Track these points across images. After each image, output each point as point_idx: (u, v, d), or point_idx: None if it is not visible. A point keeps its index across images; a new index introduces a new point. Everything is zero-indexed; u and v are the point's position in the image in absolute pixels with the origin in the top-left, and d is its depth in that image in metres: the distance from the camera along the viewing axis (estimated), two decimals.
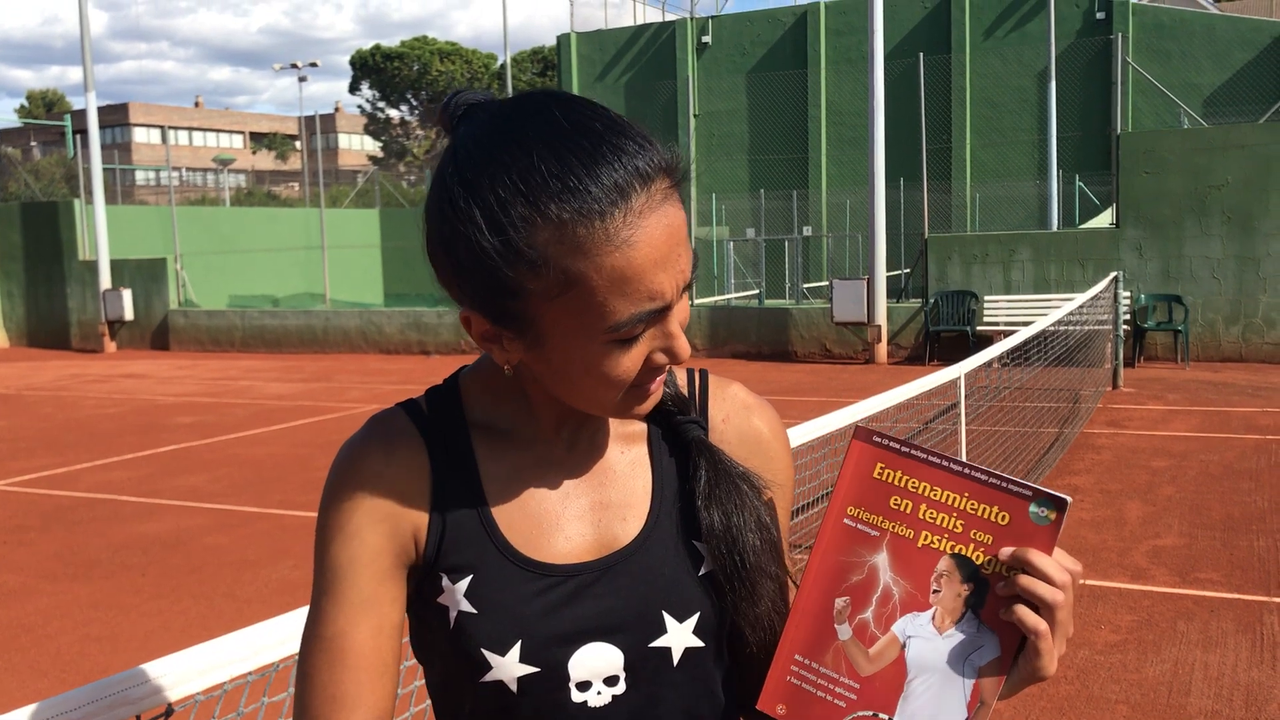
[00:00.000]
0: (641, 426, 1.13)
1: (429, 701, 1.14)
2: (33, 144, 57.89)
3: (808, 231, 25.20)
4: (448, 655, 1.06)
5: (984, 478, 0.98)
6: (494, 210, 0.92)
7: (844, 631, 1.00)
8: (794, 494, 1.22)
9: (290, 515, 7.39)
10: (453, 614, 1.04)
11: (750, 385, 1.21)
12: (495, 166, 0.92)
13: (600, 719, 1.05)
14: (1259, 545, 5.96)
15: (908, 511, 1.00)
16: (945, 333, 15.37)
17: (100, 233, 20.98)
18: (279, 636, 1.64)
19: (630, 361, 0.97)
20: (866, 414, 4.26)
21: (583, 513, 1.08)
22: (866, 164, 15.71)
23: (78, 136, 23.94)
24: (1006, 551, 0.95)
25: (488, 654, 1.02)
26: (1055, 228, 19.33)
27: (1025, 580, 0.94)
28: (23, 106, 72.51)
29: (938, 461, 1.00)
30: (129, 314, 21.05)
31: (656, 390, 1.03)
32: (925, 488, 1.00)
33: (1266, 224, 13.96)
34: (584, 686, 1.04)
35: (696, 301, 18.02)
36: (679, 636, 1.06)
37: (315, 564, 1.06)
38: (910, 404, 5.44)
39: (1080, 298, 10.21)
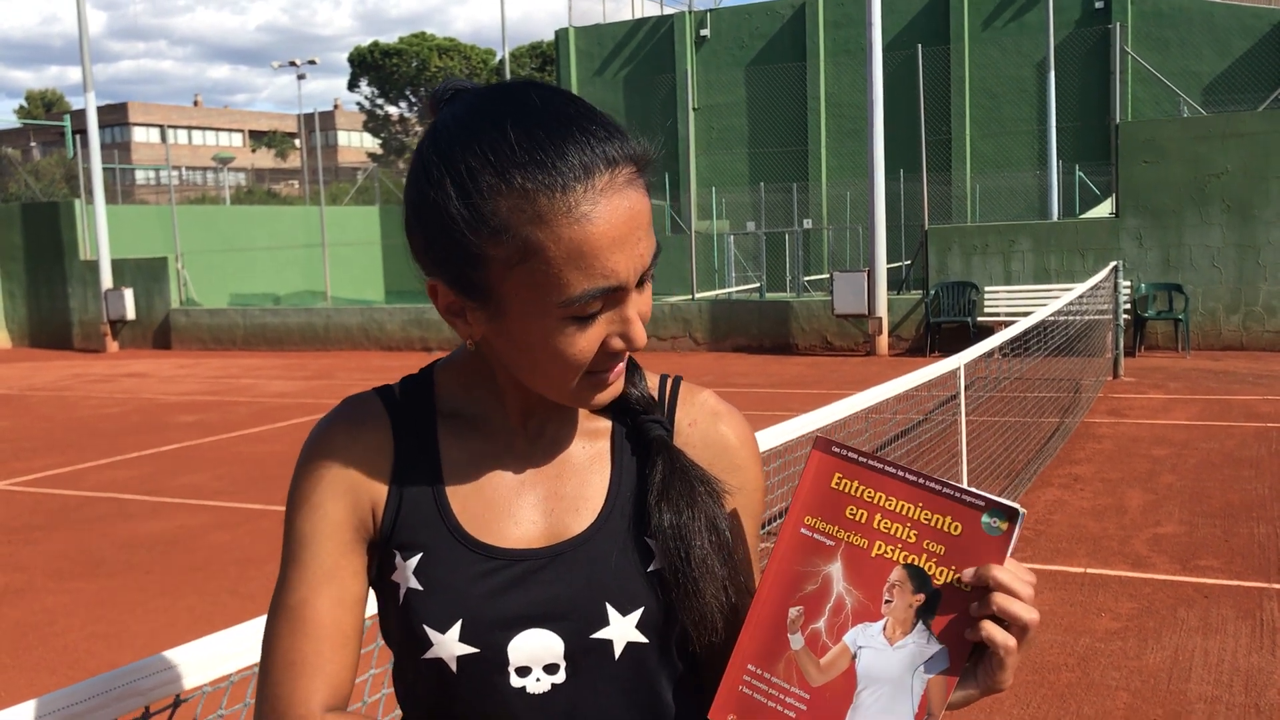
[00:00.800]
0: (607, 424, 1.15)
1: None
2: (33, 144, 57.92)
3: (808, 224, 25.21)
4: (399, 632, 1.09)
5: (938, 488, 0.98)
6: (464, 178, 0.96)
7: (796, 641, 1.00)
8: (765, 500, 1.23)
9: None
10: (402, 590, 1.07)
11: (751, 378, 1.23)
12: (470, 140, 0.98)
13: (538, 706, 1.06)
14: (1259, 532, 5.98)
15: (863, 521, 1.00)
16: (946, 324, 15.39)
17: (101, 232, 21.01)
18: (227, 649, 1.65)
19: (586, 342, 1.00)
20: (865, 406, 4.28)
21: (537, 502, 1.10)
22: (866, 156, 15.71)
23: (77, 136, 23.95)
24: (970, 572, 0.96)
25: (429, 631, 1.05)
26: (1055, 218, 19.33)
27: (1002, 599, 0.95)
28: (22, 107, 72.51)
29: (893, 472, 1.00)
30: (131, 313, 21.07)
31: (615, 382, 1.06)
32: (880, 497, 1.00)
33: (1267, 212, 13.96)
34: (523, 672, 1.05)
35: (697, 296, 18.03)
36: (621, 630, 1.06)
37: (284, 535, 1.10)
38: (909, 395, 5.46)
39: (1080, 287, 10.22)
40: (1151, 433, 8.91)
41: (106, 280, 21.17)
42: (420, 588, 1.05)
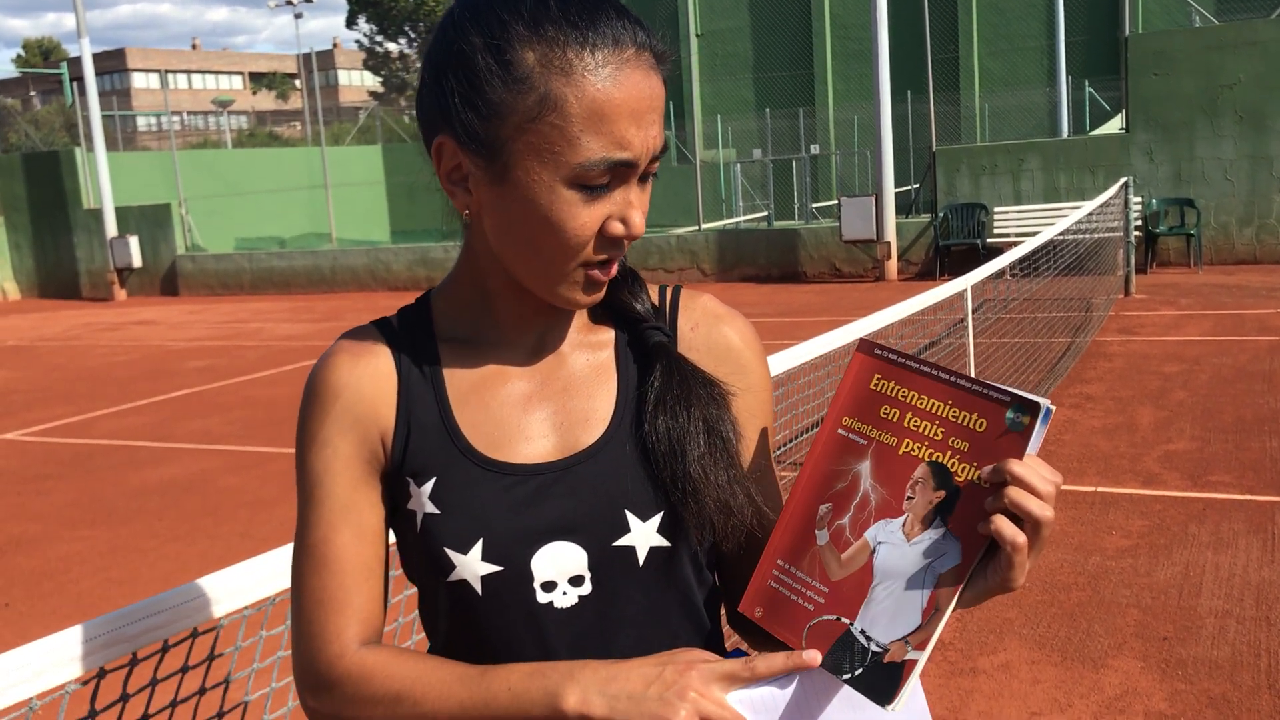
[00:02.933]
0: (608, 335, 1.14)
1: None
2: (32, 93, 57.56)
3: (815, 150, 24.89)
4: (419, 560, 1.08)
5: (968, 385, 0.97)
6: (494, 28, 0.97)
7: (822, 537, 1.01)
8: (774, 399, 1.22)
9: None
10: (419, 516, 1.06)
11: (760, 308, 1.21)
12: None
13: (567, 619, 1.06)
14: (1271, 446, 5.95)
15: (895, 420, 1.00)
16: (956, 246, 15.24)
17: (103, 180, 20.89)
18: (271, 571, 1.64)
19: (588, 217, 0.99)
20: (869, 331, 4.23)
21: (546, 417, 1.09)
22: (872, 78, 15.45)
23: (75, 84, 23.73)
24: (988, 469, 0.93)
25: (450, 553, 1.04)
26: (1065, 135, 19.06)
27: (1015, 493, 0.92)
28: (19, 56, 71.88)
29: (929, 371, 1.00)
30: (137, 261, 21.04)
31: (606, 279, 1.05)
32: (914, 396, 1.00)
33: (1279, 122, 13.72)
34: (549, 587, 1.05)
35: (704, 226, 17.88)
36: (643, 536, 1.06)
37: (296, 476, 1.10)
38: (915, 319, 5.40)
39: (1089, 205, 10.08)
40: (1163, 350, 8.85)
41: (111, 228, 21.11)
42: (437, 511, 1.05)
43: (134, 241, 20.93)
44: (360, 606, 1.06)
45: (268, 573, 1.64)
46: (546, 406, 1.10)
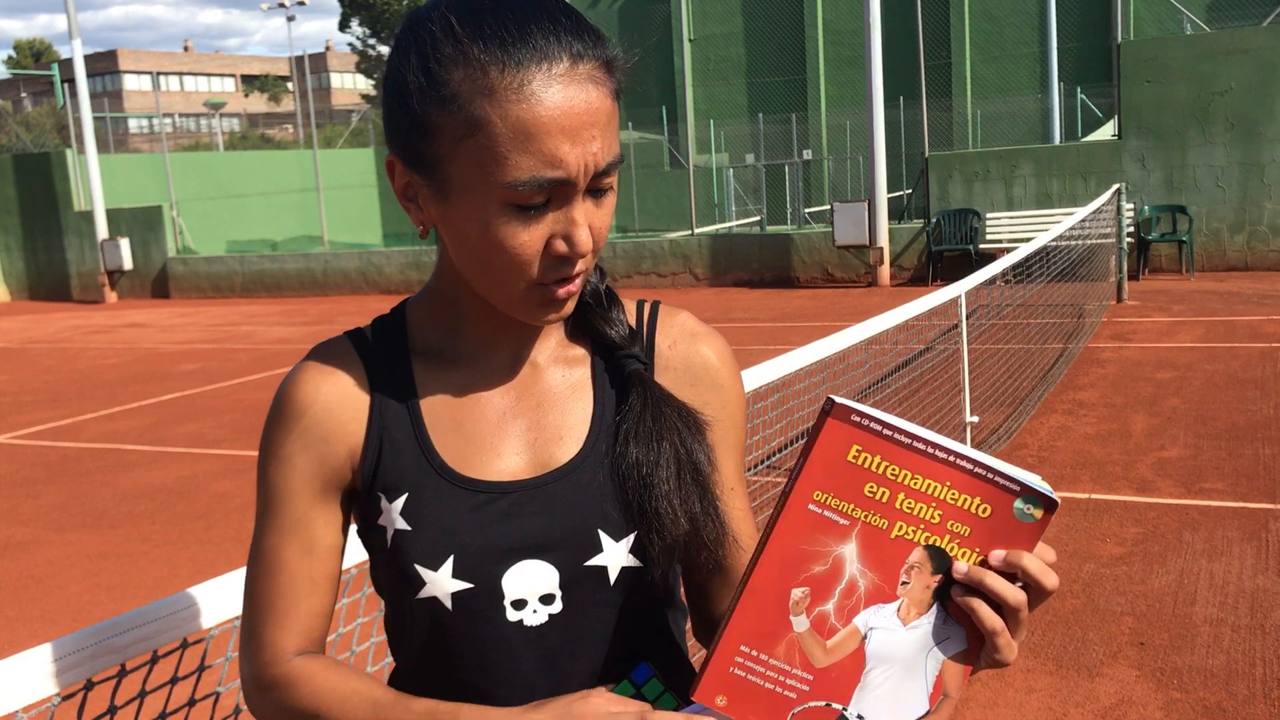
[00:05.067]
0: (583, 352, 1.13)
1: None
2: (23, 95, 57.40)
3: (808, 155, 24.91)
4: (389, 576, 1.07)
5: (970, 466, 0.90)
6: (426, 47, 0.96)
7: (800, 624, 0.93)
8: (748, 422, 1.21)
9: None
10: (390, 533, 1.05)
11: (753, 313, 1.19)
12: (441, 14, 0.97)
13: (537, 638, 1.05)
14: (1264, 453, 5.95)
15: (884, 500, 0.91)
16: (948, 252, 15.26)
17: (94, 182, 20.81)
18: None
19: (529, 236, 0.96)
20: (865, 337, 4.21)
21: (520, 433, 1.08)
22: (865, 84, 15.46)
23: (66, 85, 23.64)
24: (997, 556, 0.90)
25: (420, 569, 1.03)
26: (1057, 141, 19.09)
27: (994, 582, 0.90)
28: (10, 57, 71.65)
29: (922, 448, 0.90)
30: (128, 263, 20.96)
31: (567, 301, 1.03)
32: (906, 475, 0.90)
33: (1271, 129, 13.75)
34: (520, 605, 1.04)
35: (697, 231, 17.88)
36: (615, 556, 1.05)
37: (257, 483, 1.10)
38: (910, 325, 5.39)
39: (1082, 211, 10.09)
40: (1156, 356, 8.85)
41: (102, 231, 21.02)
42: (408, 527, 1.04)
43: (125, 244, 20.84)
44: (299, 619, 1.07)
45: (204, 604, 1.60)
46: (520, 422, 1.08)
